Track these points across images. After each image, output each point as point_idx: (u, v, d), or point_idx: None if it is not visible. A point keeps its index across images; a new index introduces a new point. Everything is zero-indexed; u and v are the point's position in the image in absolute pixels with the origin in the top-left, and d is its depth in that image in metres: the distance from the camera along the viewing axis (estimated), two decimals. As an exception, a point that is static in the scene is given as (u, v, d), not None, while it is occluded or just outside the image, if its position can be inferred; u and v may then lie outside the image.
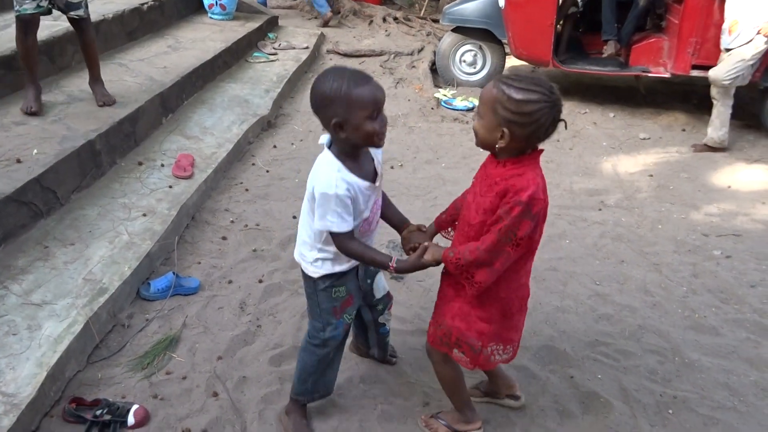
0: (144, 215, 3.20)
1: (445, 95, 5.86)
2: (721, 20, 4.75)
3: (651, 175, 4.45)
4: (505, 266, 1.74)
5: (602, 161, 4.69)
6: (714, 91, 4.79)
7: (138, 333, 2.60)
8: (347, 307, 2.07)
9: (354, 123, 1.73)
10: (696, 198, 4.12)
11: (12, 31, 3.50)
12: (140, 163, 3.70)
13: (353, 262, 2.01)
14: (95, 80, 3.88)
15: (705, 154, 4.85)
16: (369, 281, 2.19)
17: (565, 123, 1.72)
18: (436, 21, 8.41)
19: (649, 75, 5.59)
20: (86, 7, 3.62)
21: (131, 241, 2.98)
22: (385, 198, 2.07)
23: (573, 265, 3.27)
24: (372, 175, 1.88)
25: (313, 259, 1.97)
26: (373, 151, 1.92)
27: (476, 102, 5.73)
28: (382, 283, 2.26)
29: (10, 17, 3.63)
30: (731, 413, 2.33)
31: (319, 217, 1.82)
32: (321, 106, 1.76)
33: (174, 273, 2.87)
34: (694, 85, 6.01)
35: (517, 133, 1.66)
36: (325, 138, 1.87)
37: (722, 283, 3.16)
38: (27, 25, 3.33)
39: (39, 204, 2.96)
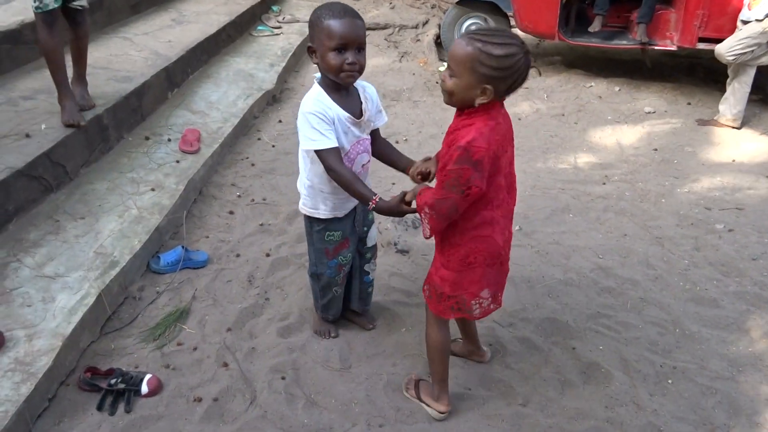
0: (152, 190, 3.24)
1: (449, 69, 5.83)
2: None
3: (655, 149, 4.46)
4: (452, 213, 1.78)
5: (607, 135, 4.69)
6: (730, 68, 4.75)
7: (149, 305, 2.66)
8: (342, 249, 2.23)
9: (320, 51, 1.89)
10: (700, 172, 4.14)
11: (16, 4, 3.51)
12: (147, 138, 3.72)
13: (348, 208, 2.17)
14: (80, 79, 3.47)
15: (710, 128, 4.84)
16: (366, 229, 2.33)
17: (539, 70, 1.79)
18: (441, -7, 8.32)
19: (656, 48, 5.55)
20: None
21: (140, 215, 3.02)
22: (388, 144, 2.21)
23: (576, 239, 3.31)
24: (356, 112, 2.01)
25: (304, 195, 2.15)
26: (365, 93, 2.06)
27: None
28: (374, 233, 2.41)
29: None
30: (729, 383, 2.38)
31: (302, 138, 1.95)
32: (309, 28, 1.93)
33: (183, 247, 2.92)
34: (701, 58, 5.97)
35: (499, 88, 1.70)
36: (318, 75, 2.02)
37: (724, 257, 3.19)
38: (52, 21, 3.04)
39: (49, 178, 3.00)
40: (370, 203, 1.94)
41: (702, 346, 2.57)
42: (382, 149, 2.20)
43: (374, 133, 2.16)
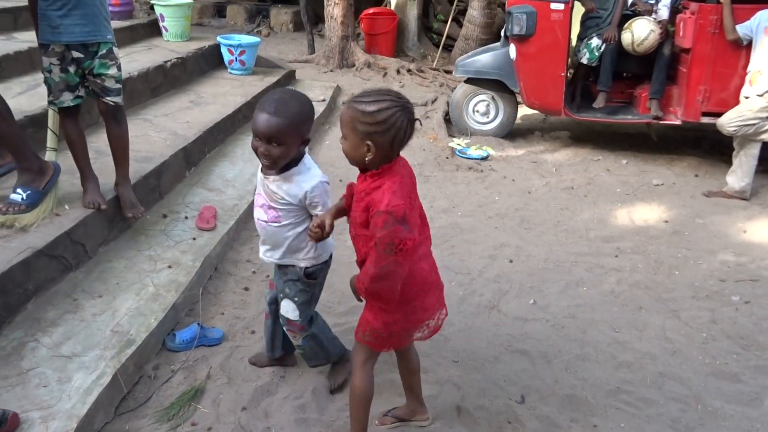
0: (169, 267, 3.28)
1: (459, 144, 5.97)
2: (735, 69, 4.87)
3: (666, 221, 4.48)
4: (399, 275, 1.88)
5: (617, 208, 4.73)
6: (735, 141, 4.85)
7: (164, 384, 2.64)
8: None
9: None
10: (712, 243, 4.14)
11: (42, 90, 3.65)
12: (165, 216, 3.80)
13: None
14: (124, 179, 3.43)
15: (719, 200, 4.88)
16: None
17: (420, 121, 1.93)
18: (448, 72, 8.61)
19: (661, 122, 5.68)
20: (121, 94, 3.30)
21: (157, 292, 3.05)
22: None
23: (591, 312, 3.29)
24: None
25: (316, 252, 2.39)
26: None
27: (491, 151, 5.83)
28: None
29: (41, 76, 3.65)
30: (757, 462, 2.32)
31: (325, 205, 2.27)
32: (303, 122, 2.16)
33: (199, 324, 2.93)
34: (705, 131, 6.08)
35: (380, 142, 1.84)
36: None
37: (742, 329, 3.16)
38: (74, 113, 3.20)
39: (69, 257, 3.05)
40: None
41: (726, 422, 2.52)
42: None
43: None
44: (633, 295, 3.49)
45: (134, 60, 5.68)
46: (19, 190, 3.02)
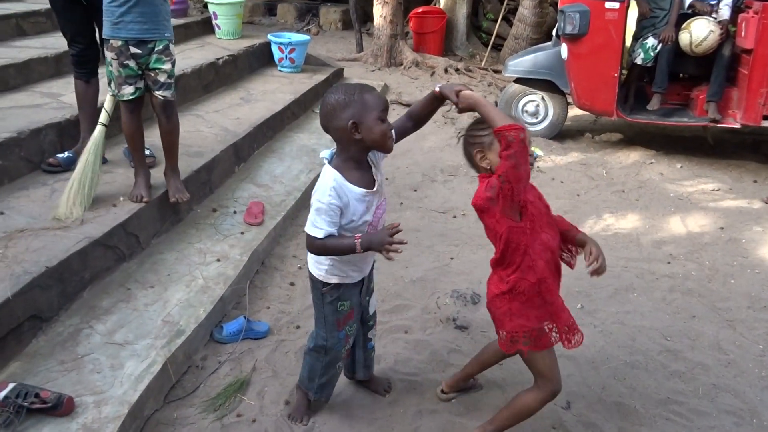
0: (218, 260, 3.34)
1: (507, 145, 5.89)
2: None
3: (722, 228, 4.34)
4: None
5: (670, 213, 4.60)
6: None
7: (211, 375, 2.69)
8: (349, 320, 2.30)
9: (367, 124, 2.00)
10: (771, 252, 3.99)
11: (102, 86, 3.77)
12: (214, 210, 3.87)
13: (362, 274, 2.26)
14: (172, 170, 3.52)
15: (779, 206, 4.70)
16: (367, 298, 2.40)
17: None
18: (497, 71, 8.52)
19: (718, 125, 5.50)
20: (173, 89, 3.36)
21: (206, 285, 3.11)
22: (409, 112, 2.29)
23: (641, 319, 3.21)
24: (370, 183, 2.10)
25: (327, 265, 2.19)
26: (373, 160, 2.15)
27: (539, 152, 5.73)
28: (375, 300, 2.48)
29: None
30: (816, 481, 2.22)
31: (308, 221, 2.06)
32: (336, 112, 2.01)
33: (245, 317, 2.98)
34: (765, 135, 5.87)
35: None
36: (326, 152, 2.12)
37: (802, 343, 3.03)
38: (133, 107, 3.29)
39: (123, 248, 3.14)
40: (356, 245, 2.01)
41: (783, 439, 2.42)
42: (411, 117, 2.28)
43: (399, 130, 2.22)
44: (686, 303, 3.39)
45: (188, 57, 5.81)
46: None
